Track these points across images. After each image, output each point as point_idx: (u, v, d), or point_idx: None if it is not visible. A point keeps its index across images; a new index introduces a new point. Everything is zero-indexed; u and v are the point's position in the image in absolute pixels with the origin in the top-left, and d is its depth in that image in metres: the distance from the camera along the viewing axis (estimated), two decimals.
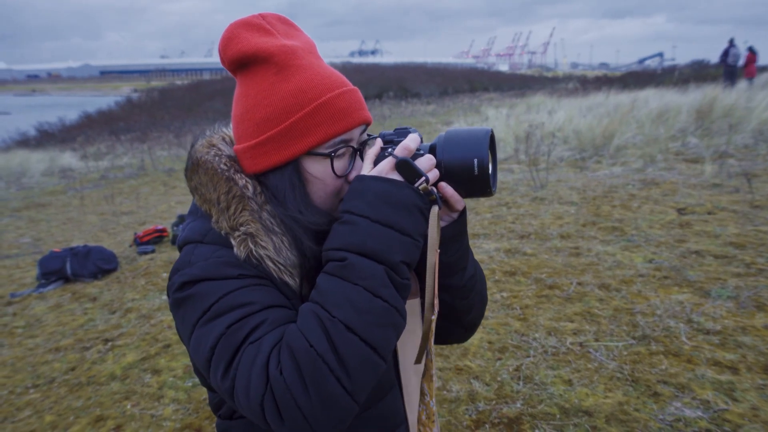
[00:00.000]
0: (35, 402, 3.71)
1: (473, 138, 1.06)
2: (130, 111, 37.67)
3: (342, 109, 1.06)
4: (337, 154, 1.08)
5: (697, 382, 3.09)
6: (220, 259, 1.03)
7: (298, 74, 1.06)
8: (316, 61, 1.11)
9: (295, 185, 1.07)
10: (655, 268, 4.62)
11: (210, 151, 1.13)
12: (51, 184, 14.88)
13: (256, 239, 1.03)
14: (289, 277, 1.04)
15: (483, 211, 7.06)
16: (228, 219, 1.05)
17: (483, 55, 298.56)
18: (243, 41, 1.08)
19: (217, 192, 1.07)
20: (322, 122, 1.05)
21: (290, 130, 1.05)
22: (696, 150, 9.66)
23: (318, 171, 1.08)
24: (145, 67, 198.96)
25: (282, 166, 1.07)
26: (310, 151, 1.06)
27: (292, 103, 1.05)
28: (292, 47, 1.08)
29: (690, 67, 38.34)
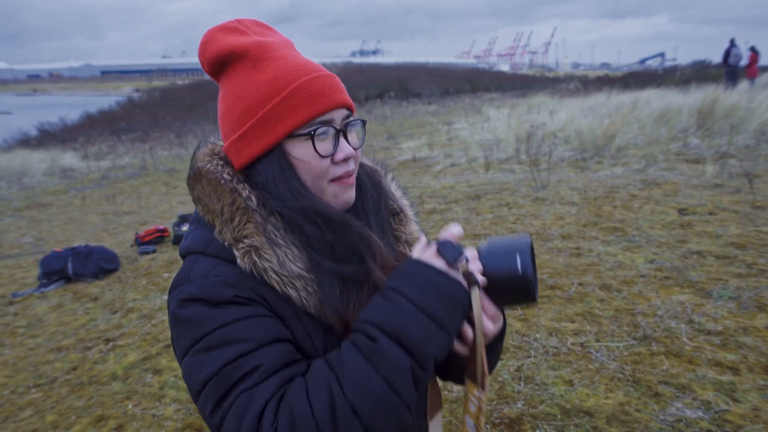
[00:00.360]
0: (37, 401, 3.72)
1: (515, 246, 1.07)
2: (132, 111, 37.73)
3: (317, 90, 1.08)
4: (317, 133, 1.08)
5: (698, 383, 3.08)
6: (217, 279, 1.03)
7: (273, 64, 1.09)
8: (291, 52, 1.13)
9: (284, 168, 1.09)
10: (657, 269, 4.62)
11: (212, 160, 1.14)
12: (52, 184, 14.90)
13: (260, 252, 1.03)
14: (292, 289, 1.04)
15: (484, 211, 7.06)
16: (232, 230, 1.06)
17: (484, 55, 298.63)
18: (219, 42, 1.11)
19: (221, 203, 1.08)
20: (299, 104, 1.06)
21: (269, 116, 1.07)
22: (697, 150, 9.66)
23: (301, 153, 1.09)
24: (146, 67, 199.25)
25: (267, 153, 1.09)
26: (290, 134, 1.08)
27: (268, 90, 1.07)
28: (266, 42, 1.11)
29: (691, 68, 38.33)
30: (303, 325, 1.06)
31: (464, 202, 7.66)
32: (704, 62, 41.99)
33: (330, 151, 1.10)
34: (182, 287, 1.05)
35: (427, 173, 10.54)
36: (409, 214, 1.32)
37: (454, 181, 9.42)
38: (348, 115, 1.14)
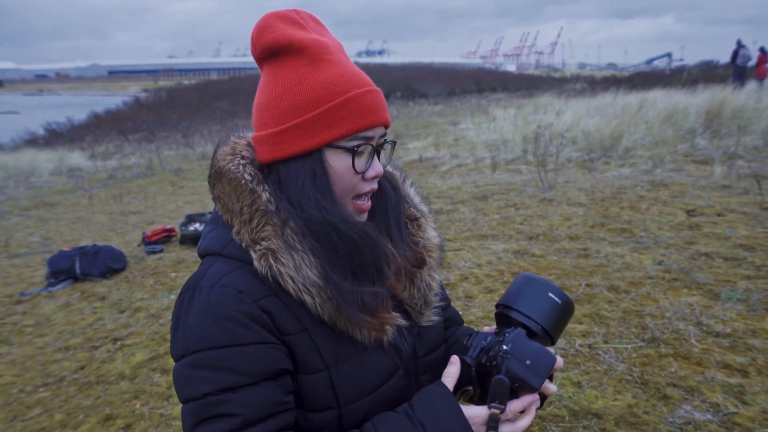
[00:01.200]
0: (45, 400, 3.73)
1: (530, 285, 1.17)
2: (138, 111, 37.84)
3: (368, 105, 1.08)
4: (359, 149, 1.08)
5: (707, 385, 3.07)
6: (224, 289, 1.03)
7: (329, 68, 1.08)
8: (345, 59, 1.13)
9: (317, 174, 1.08)
10: (665, 270, 4.60)
11: (234, 159, 1.14)
12: (60, 184, 14.96)
13: (276, 255, 1.03)
14: (308, 296, 1.04)
15: (491, 212, 7.05)
16: (250, 232, 1.06)
17: (490, 56, 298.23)
18: (278, 30, 1.09)
19: (240, 203, 1.08)
20: (349, 116, 1.06)
21: (317, 119, 1.06)
22: (705, 151, 9.62)
23: (338, 164, 1.09)
24: (153, 67, 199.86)
25: (305, 154, 1.08)
26: (333, 143, 1.07)
27: (321, 94, 1.06)
28: (324, 42, 1.11)
29: (699, 68, 38.15)
30: (310, 337, 1.06)
31: (471, 203, 7.65)
32: (712, 62, 41.78)
33: (364, 168, 1.11)
34: (193, 292, 1.05)
35: (433, 173, 10.53)
36: (428, 219, 1.32)
37: (461, 181, 9.41)
38: (384, 134, 1.15)
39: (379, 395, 1.11)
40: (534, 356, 1.07)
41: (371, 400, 1.10)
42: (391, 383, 1.13)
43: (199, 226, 7.19)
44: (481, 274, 4.95)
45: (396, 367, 1.15)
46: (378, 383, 1.11)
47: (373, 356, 1.11)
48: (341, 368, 1.07)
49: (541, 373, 1.07)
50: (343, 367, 1.08)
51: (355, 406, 1.09)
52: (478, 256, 5.45)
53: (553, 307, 1.13)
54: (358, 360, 1.09)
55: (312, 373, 1.06)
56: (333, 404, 1.08)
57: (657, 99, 16.02)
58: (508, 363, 1.07)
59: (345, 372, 1.08)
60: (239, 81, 50.95)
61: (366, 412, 1.09)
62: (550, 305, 1.13)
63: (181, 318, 1.04)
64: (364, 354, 1.10)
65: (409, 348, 1.19)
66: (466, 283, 4.80)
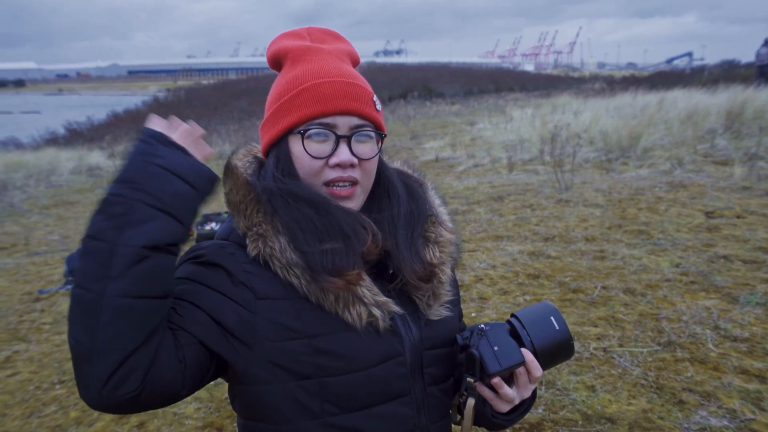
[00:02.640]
0: (61, 398, 3.77)
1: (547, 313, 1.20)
2: (157, 110, 38.08)
3: (323, 93, 1.14)
4: (308, 134, 1.14)
5: (724, 391, 3.03)
6: (214, 244, 1.17)
7: (302, 65, 1.19)
8: (331, 60, 1.21)
9: (280, 159, 1.17)
10: (682, 273, 4.55)
11: (245, 158, 1.24)
12: (79, 182, 15.11)
13: (265, 239, 1.11)
14: (294, 277, 1.10)
15: (507, 213, 7.01)
16: (245, 219, 1.15)
17: (508, 55, 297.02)
18: (277, 44, 1.25)
19: (240, 195, 1.17)
20: (302, 103, 1.14)
21: (279, 109, 1.18)
22: (725, 152, 9.50)
23: (297, 149, 1.16)
24: (171, 67, 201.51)
25: (274, 143, 1.19)
26: (291, 129, 1.16)
27: (286, 87, 1.18)
28: (309, 46, 1.22)
29: (720, 67, 37.63)
30: (293, 305, 1.10)
31: (487, 203, 7.62)
32: (733, 62, 41.21)
33: (323, 154, 1.15)
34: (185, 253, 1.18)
35: (449, 173, 10.50)
36: (443, 219, 1.32)
37: (477, 181, 9.38)
38: (359, 125, 1.17)
39: (367, 376, 1.11)
40: (504, 346, 1.15)
41: (357, 379, 1.10)
42: (383, 367, 1.13)
43: (215, 225, 7.23)
44: (495, 276, 4.93)
45: (394, 354, 1.14)
46: (366, 365, 1.11)
47: (364, 339, 1.11)
48: (323, 340, 1.09)
49: (501, 362, 1.13)
50: (326, 340, 1.09)
51: (338, 379, 1.09)
52: (493, 257, 5.43)
53: (552, 337, 1.18)
54: (344, 337, 1.10)
55: (291, 339, 1.08)
56: (312, 373, 1.09)
57: (677, 99, 15.83)
58: (480, 341, 1.16)
59: (327, 344, 1.09)
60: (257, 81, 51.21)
61: (349, 391, 1.10)
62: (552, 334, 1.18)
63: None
64: (353, 334, 1.11)
65: (415, 338, 1.18)
66: (480, 285, 4.78)
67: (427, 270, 1.21)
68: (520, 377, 1.17)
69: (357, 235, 1.12)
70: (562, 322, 1.19)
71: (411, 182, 1.32)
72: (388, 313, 1.14)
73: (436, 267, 1.24)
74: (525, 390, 1.19)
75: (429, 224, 1.29)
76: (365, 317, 1.11)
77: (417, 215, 1.26)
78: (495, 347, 1.14)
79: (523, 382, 1.18)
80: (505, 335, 1.17)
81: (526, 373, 1.17)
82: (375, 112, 1.20)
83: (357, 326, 1.10)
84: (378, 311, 1.12)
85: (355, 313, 1.10)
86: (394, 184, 1.27)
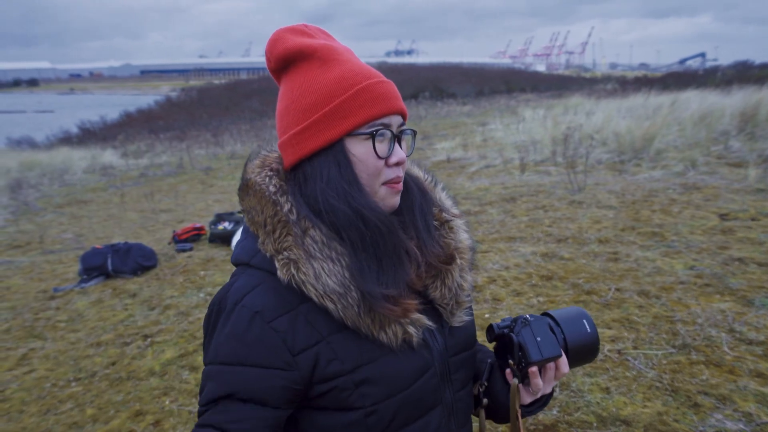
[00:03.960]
0: (77, 395, 3.81)
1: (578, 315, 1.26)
2: (170, 110, 38.28)
3: (381, 93, 1.13)
4: (378, 133, 1.12)
5: (739, 394, 3.01)
6: (242, 310, 1.08)
7: (340, 66, 1.14)
8: (354, 59, 1.19)
9: (341, 164, 1.12)
10: (697, 275, 4.53)
11: (262, 171, 1.19)
12: (92, 181, 15.21)
13: (298, 265, 1.07)
14: (329, 302, 1.07)
15: (520, 214, 7.00)
16: (273, 242, 1.10)
17: (520, 56, 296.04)
18: (288, 41, 1.17)
19: (264, 215, 1.13)
20: (363, 104, 1.11)
21: (334, 112, 1.11)
22: (739, 154, 9.43)
23: (360, 151, 1.12)
24: (184, 67, 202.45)
25: (327, 147, 1.12)
26: (352, 132, 1.12)
27: (335, 88, 1.12)
28: (333, 45, 1.18)
29: (733, 68, 37.37)
30: (329, 345, 1.09)
31: (499, 204, 7.61)
32: (747, 62, 40.90)
33: (386, 153, 1.14)
34: (217, 309, 1.13)
35: (461, 174, 10.49)
36: (460, 222, 1.33)
37: (489, 182, 9.37)
38: (402, 123, 1.19)
39: (407, 395, 1.13)
40: (546, 338, 1.19)
41: (399, 401, 1.12)
42: (420, 383, 1.14)
43: (228, 224, 7.26)
44: (509, 277, 4.93)
45: (427, 367, 1.16)
46: (406, 384, 1.13)
47: (400, 358, 1.12)
48: (364, 371, 1.09)
49: (542, 352, 1.18)
50: (366, 369, 1.10)
51: (383, 405, 1.11)
52: (506, 258, 5.42)
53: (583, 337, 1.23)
54: (383, 362, 1.11)
55: (332, 378, 1.08)
56: (358, 404, 1.10)
57: (690, 100, 15.75)
58: (523, 329, 1.20)
59: (368, 374, 1.10)
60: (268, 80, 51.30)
61: (394, 412, 1.11)
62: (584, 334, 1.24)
63: (208, 331, 1.14)
64: (390, 356, 1.11)
65: (441, 348, 1.20)
66: (493, 286, 4.77)
67: (446, 253, 1.23)
68: (548, 371, 1.21)
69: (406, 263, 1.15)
70: (593, 325, 1.24)
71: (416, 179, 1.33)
72: (420, 328, 1.14)
73: (453, 251, 1.25)
74: (548, 385, 1.24)
75: (447, 230, 1.30)
76: (401, 335, 1.11)
77: (428, 204, 1.29)
78: (538, 338, 1.19)
79: (549, 377, 1.22)
80: (546, 329, 1.21)
81: (555, 369, 1.21)
82: None
83: (393, 345, 1.11)
84: (413, 328, 1.13)
85: (391, 332, 1.10)
86: (407, 180, 1.28)
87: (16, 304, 5.72)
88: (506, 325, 1.24)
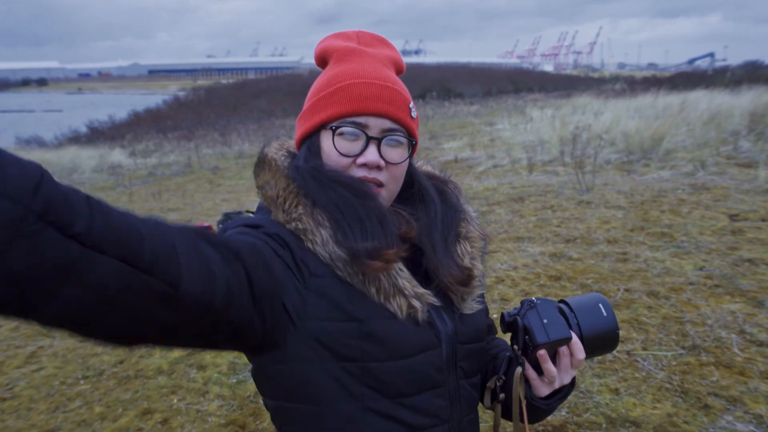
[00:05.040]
0: (85, 393, 3.82)
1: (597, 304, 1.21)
2: (178, 109, 38.45)
3: (359, 94, 1.17)
4: (339, 131, 1.17)
5: (750, 396, 2.99)
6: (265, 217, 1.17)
7: (345, 65, 1.21)
8: (372, 63, 1.23)
9: (311, 150, 1.20)
10: (706, 276, 4.50)
11: (279, 150, 1.27)
12: (101, 180, 15.29)
13: (306, 233, 1.12)
14: (337, 270, 1.10)
15: (528, 214, 6.98)
16: (284, 212, 1.15)
17: (528, 55, 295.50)
18: (324, 43, 1.28)
19: (278, 188, 1.17)
20: (338, 101, 1.17)
21: (315, 104, 1.21)
22: (749, 154, 9.38)
23: (326, 145, 1.19)
24: (192, 67, 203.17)
25: (309, 134, 1.22)
26: (324, 124, 1.19)
27: (325, 84, 1.21)
28: (355, 48, 1.24)
29: (743, 68, 37.17)
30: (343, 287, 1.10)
31: (507, 204, 7.59)
32: (756, 62, 40.66)
33: (352, 152, 1.17)
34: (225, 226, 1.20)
35: (469, 174, 10.48)
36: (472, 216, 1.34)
37: (497, 182, 9.35)
38: (391, 129, 1.19)
39: (408, 364, 1.12)
40: (553, 320, 1.16)
41: (398, 366, 1.11)
42: (422, 358, 1.14)
43: None
44: (517, 277, 4.91)
45: (432, 345, 1.15)
46: (407, 353, 1.12)
47: (407, 327, 1.12)
48: (372, 324, 1.09)
49: (549, 334, 1.14)
50: (374, 323, 1.09)
51: (381, 365, 1.10)
52: (515, 258, 5.41)
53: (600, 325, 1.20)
54: (391, 324, 1.11)
55: (342, 321, 1.08)
56: (357, 356, 1.09)
57: (699, 100, 15.67)
58: (529, 312, 1.17)
59: (375, 328, 1.09)
60: (276, 80, 51.44)
61: (390, 376, 1.10)
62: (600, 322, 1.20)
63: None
64: (397, 322, 1.11)
65: (450, 331, 1.19)
66: (501, 286, 4.76)
67: (464, 273, 1.22)
68: (562, 359, 1.18)
69: (392, 218, 1.15)
70: (611, 312, 1.21)
71: (440, 184, 1.34)
72: (426, 305, 1.14)
73: (472, 270, 1.24)
74: (566, 374, 1.20)
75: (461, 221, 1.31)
76: (405, 308, 1.12)
77: (451, 217, 1.28)
78: (544, 320, 1.16)
79: (565, 365, 1.18)
80: (554, 311, 1.18)
81: (569, 356, 1.18)
82: (409, 119, 1.21)
83: (399, 316, 1.11)
84: (417, 302, 1.13)
85: (395, 304, 1.11)
86: (426, 188, 1.29)
87: None
88: (516, 312, 1.21)
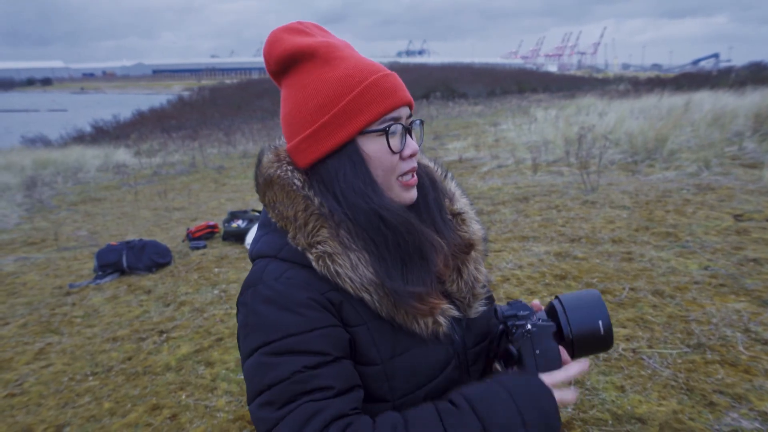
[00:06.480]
0: (94, 389, 3.84)
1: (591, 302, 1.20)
2: (182, 109, 38.49)
3: (388, 88, 1.11)
4: (391, 129, 1.11)
5: (755, 393, 3.01)
6: (290, 280, 1.06)
7: (343, 63, 1.12)
8: (355, 54, 1.17)
9: (356, 163, 1.11)
10: (711, 276, 4.51)
11: (281, 166, 1.16)
12: (106, 180, 15.33)
13: (333, 257, 1.07)
14: (366, 293, 1.07)
15: (533, 213, 7.00)
16: (306, 236, 1.09)
17: (532, 56, 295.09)
18: (286, 41, 1.14)
19: (295, 209, 1.11)
20: (372, 101, 1.09)
21: (343, 112, 1.09)
22: (754, 154, 9.37)
23: (374, 149, 1.12)
24: (196, 66, 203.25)
25: (339, 148, 1.11)
26: (364, 130, 1.10)
27: (342, 87, 1.10)
28: (332, 42, 1.15)
29: (747, 69, 37.06)
30: (369, 330, 1.09)
31: (512, 204, 7.60)
32: (761, 63, 40.51)
33: (399, 147, 1.13)
34: (256, 288, 1.08)
35: (473, 174, 10.49)
36: (470, 213, 1.34)
37: (501, 182, 9.36)
38: (410, 114, 1.17)
39: (433, 387, 1.14)
40: (546, 352, 1.14)
41: (426, 393, 1.13)
42: (444, 375, 1.16)
43: (241, 222, 7.29)
44: (522, 276, 4.93)
45: (449, 359, 1.17)
46: (432, 376, 1.14)
47: (429, 348, 1.13)
48: (396, 362, 1.10)
49: (539, 368, 1.13)
50: (399, 360, 1.10)
51: (411, 398, 1.12)
52: (520, 257, 5.42)
53: (593, 331, 1.18)
54: (413, 353, 1.11)
55: (368, 365, 1.09)
56: (388, 397, 1.10)
57: (703, 101, 15.65)
58: (522, 341, 1.14)
59: (400, 366, 1.10)
60: None
61: (415, 401, 1.11)
62: (593, 328, 1.18)
63: (249, 313, 1.07)
64: (421, 346, 1.12)
65: (460, 340, 1.21)
66: (507, 285, 4.78)
67: (465, 240, 1.25)
68: None
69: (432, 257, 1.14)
70: (605, 312, 1.19)
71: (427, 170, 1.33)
72: (448, 318, 1.16)
73: (468, 239, 1.27)
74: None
75: (460, 223, 1.31)
76: (431, 326, 1.12)
77: (439, 196, 1.29)
78: (537, 350, 1.14)
79: None
80: (550, 339, 1.15)
81: None
82: None
83: (424, 335, 1.12)
84: (442, 318, 1.14)
85: (423, 323, 1.11)
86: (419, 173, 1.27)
87: (32, 300, 5.78)
88: (511, 315, 1.19)
